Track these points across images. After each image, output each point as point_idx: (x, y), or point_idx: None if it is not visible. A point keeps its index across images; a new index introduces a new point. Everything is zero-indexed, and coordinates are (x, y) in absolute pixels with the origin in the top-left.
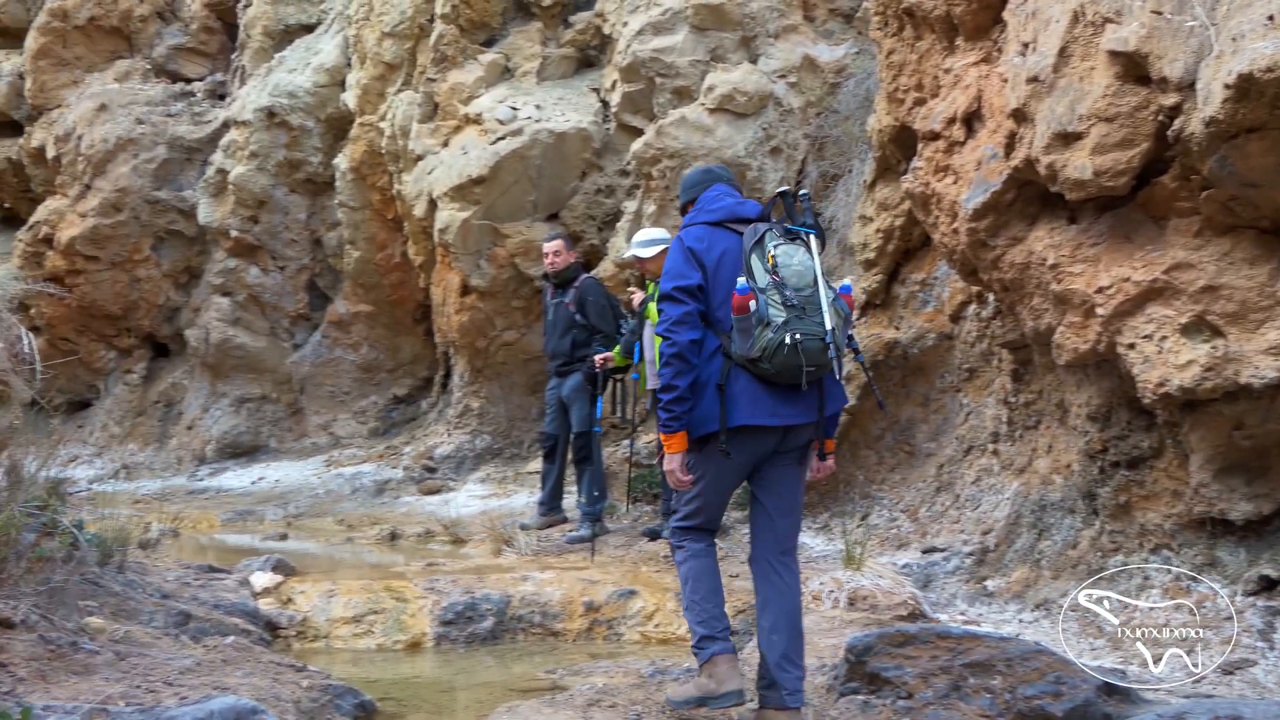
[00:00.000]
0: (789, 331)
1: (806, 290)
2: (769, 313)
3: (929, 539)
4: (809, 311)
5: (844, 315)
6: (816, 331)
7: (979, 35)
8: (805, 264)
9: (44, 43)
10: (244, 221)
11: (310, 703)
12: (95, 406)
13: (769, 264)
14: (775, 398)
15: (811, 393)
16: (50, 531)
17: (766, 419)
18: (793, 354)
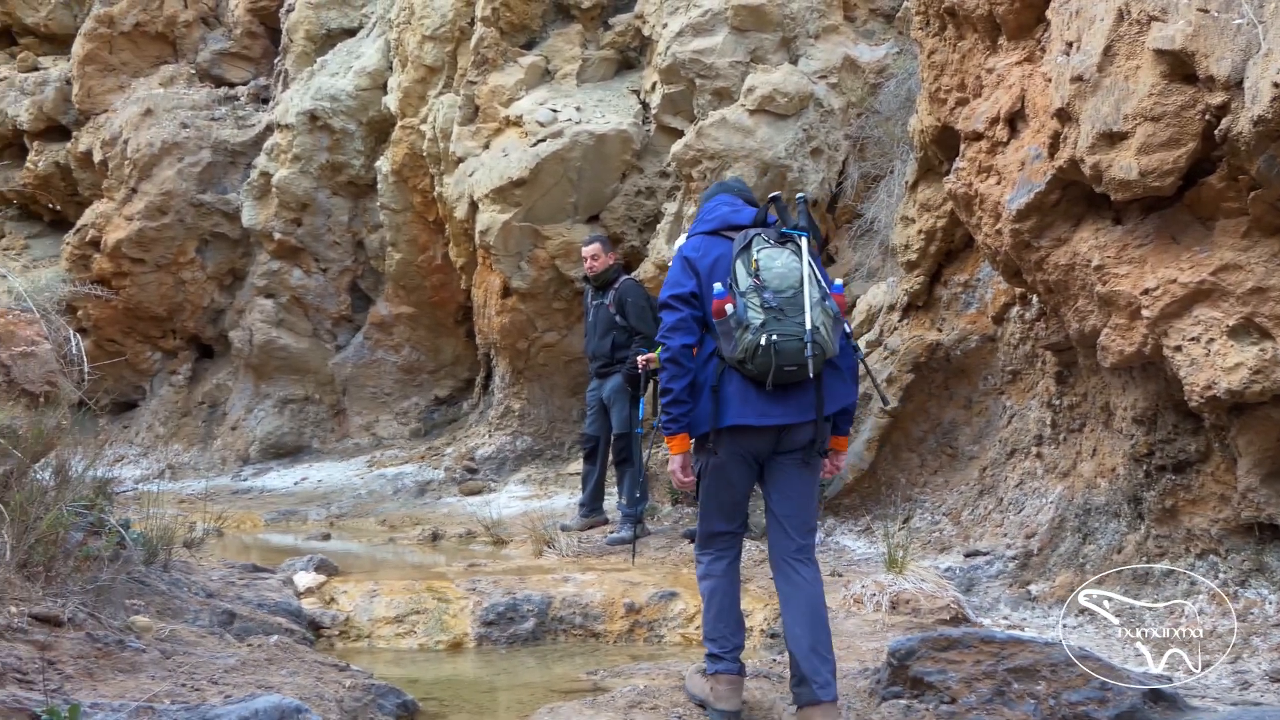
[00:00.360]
0: (765, 333)
1: (788, 292)
2: (748, 315)
3: (971, 542)
4: (788, 313)
5: (833, 315)
6: (795, 332)
7: (1022, 34)
8: (789, 266)
9: (91, 49)
10: (287, 224)
11: (353, 702)
12: (141, 407)
13: (752, 268)
14: (766, 398)
15: (808, 392)
16: (97, 530)
17: (756, 419)
18: (768, 354)
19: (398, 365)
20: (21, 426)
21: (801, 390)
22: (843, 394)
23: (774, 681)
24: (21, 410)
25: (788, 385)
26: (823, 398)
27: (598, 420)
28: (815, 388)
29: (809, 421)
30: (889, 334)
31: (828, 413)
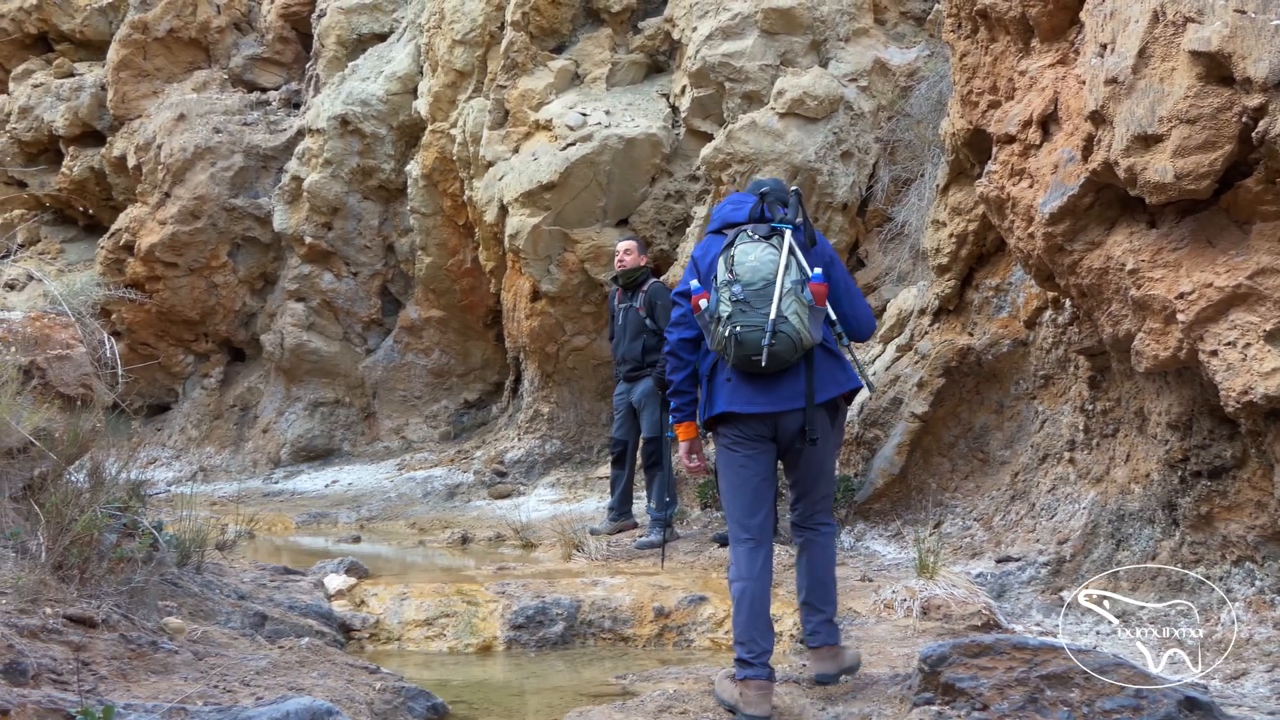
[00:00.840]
0: (731, 325)
1: (758, 284)
2: (719, 309)
3: (1003, 548)
4: (755, 304)
5: (810, 305)
6: (758, 323)
7: (1055, 37)
8: (762, 260)
9: (125, 54)
10: (318, 228)
11: (383, 705)
12: (174, 410)
13: (729, 263)
14: (754, 387)
15: (798, 380)
16: (131, 532)
17: (741, 407)
18: (734, 345)
19: (427, 369)
20: (57, 429)
21: (791, 378)
22: (834, 382)
23: (803, 687)
24: (56, 412)
25: (778, 374)
26: (814, 386)
27: (625, 424)
28: (806, 376)
29: (798, 409)
30: (920, 338)
31: (821, 400)
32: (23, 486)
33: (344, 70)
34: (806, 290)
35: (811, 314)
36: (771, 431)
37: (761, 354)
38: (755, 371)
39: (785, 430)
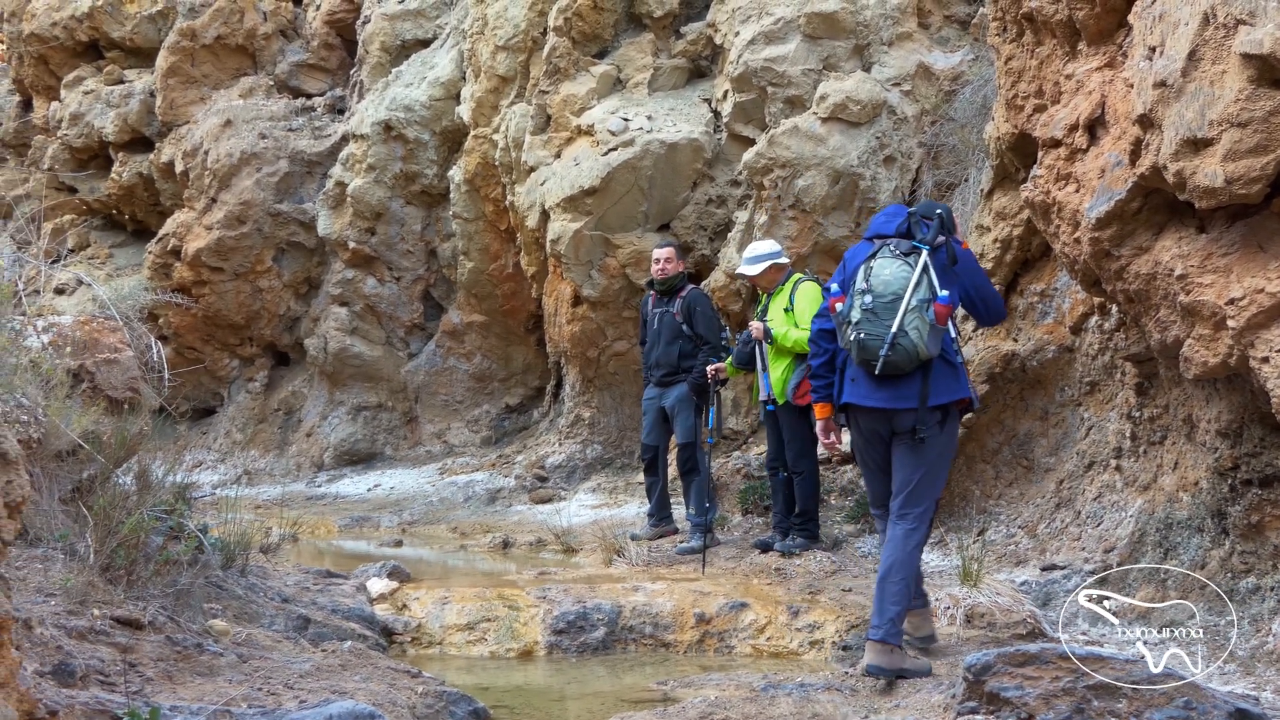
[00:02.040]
0: (857, 330)
1: (887, 297)
2: (851, 315)
3: (1048, 556)
4: (882, 316)
5: (931, 323)
6: (879, 333)
7: (1102, 39)
8: (896, 275)
9: (173, 61)
10: (361, 233)
11: (425, 709)
12: (219, 413)
13: (866, 273)
14: (874, 384)
15: (914, 383)
16: (177, 535)
17: (860, 399)
18: (857, 349)
19: (469, 373)
20: (105, 432)
21: (908, 381)
22: (946, 389)
23: (845, 694)
24: (104, 416)
25: (896, 376)
26: (928, 390)
27: (656, 429)
28: (922, 381)
29: (910, 409)
30: (964, 344)
31: (933, 403)
32: (71, 489)
33: (388, 76)
34: (931, 310)
35: (932, 330)
36: (886, 426)
37: (878, 361)
38: (870, 372)
39: (898, 426)
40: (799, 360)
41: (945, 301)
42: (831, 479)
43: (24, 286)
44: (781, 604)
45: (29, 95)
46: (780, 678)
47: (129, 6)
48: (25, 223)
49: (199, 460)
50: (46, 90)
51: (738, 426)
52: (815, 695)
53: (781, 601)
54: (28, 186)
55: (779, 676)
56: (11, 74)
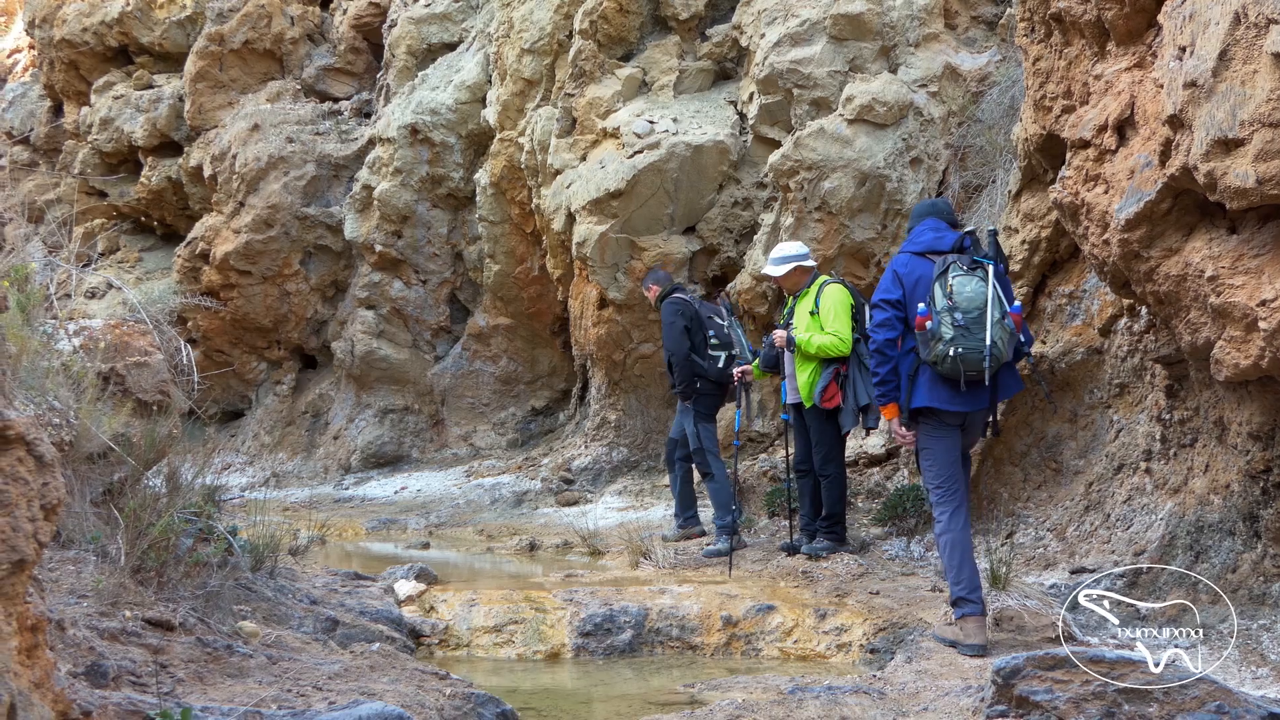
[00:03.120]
0: (954, 345)
1: (974, 312)
2: (941, 330)
3: (1077, 559)
4: (973, 330)
5: (1009, 330)
6: (977, 346)
7: (1132, 40)
8: (977, 290)
9: (202, 66)
10: (388, 236)
11: (453, 710)
12: (247, 416)
13: (948, 291)
14: (951, 389)
15: (982, 391)
16: (206, 537)
17: (943, 404)
18: (955, 363)
19: (495, 376)
20: (135, 435)
21: (980, 388)
22: (1014, 385)
23: (874, 697)
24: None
25: (970, 384)
26: (996, 392)
27: (676, 428)
28: (991, 384)
29: (984, 409)
30: None
31: (1001, 398)
32: (103, 491)
33: (414, 80)
34: (1009, 319)
35: (1010, 337)
36: (960, 422)
37: (984, 372)
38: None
39: (971, 423)
40: (825, 364)
41: (1017, 310)
42: (859, 482)
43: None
44: (809, 607)
45: (59, 100)
46: (808, 680)
47: (158, 12)
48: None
49: (227, 463)
50: (77, 95)
51: (764, 429)
52: (843, 698)
53: (809, 604)
54: (59, 191)
55: (806, 679)
56: (42, 79)
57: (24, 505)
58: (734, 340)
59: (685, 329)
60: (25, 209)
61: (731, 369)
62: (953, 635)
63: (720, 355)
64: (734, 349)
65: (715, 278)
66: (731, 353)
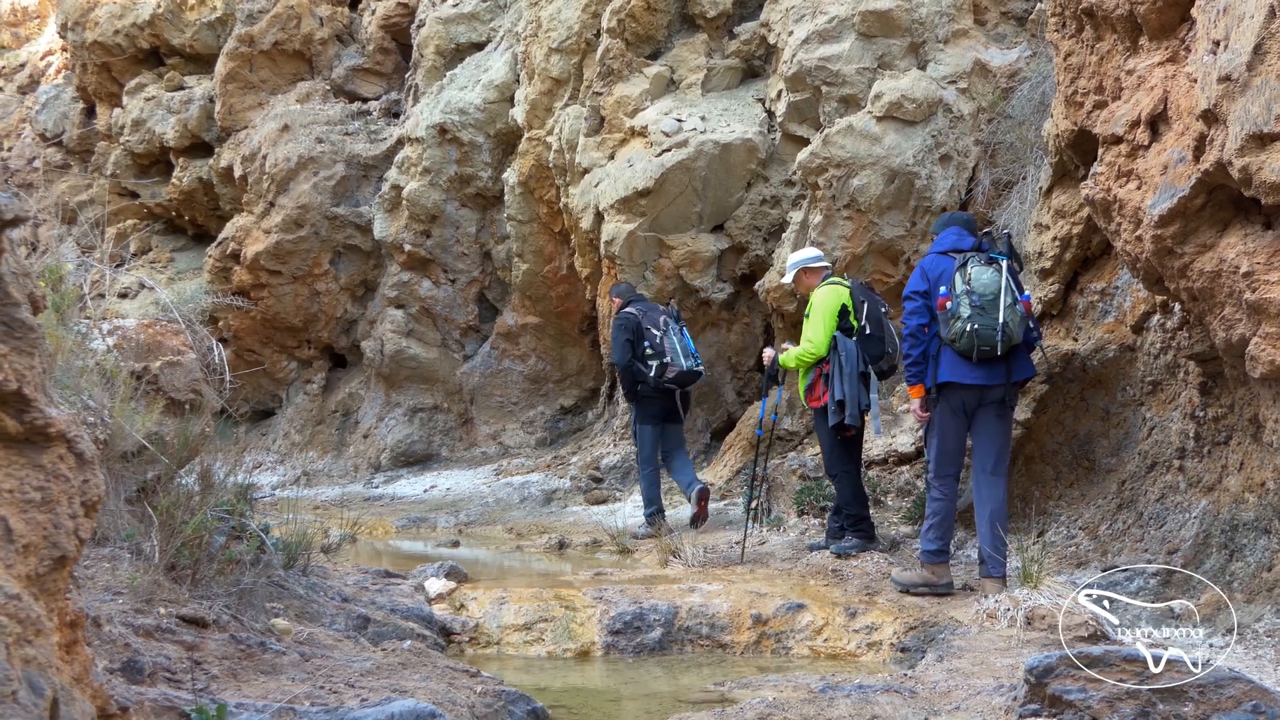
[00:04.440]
0: (970, 323)
1: (990, 296)
2: (960, 309)
3: (1110, 558)
4: (988, 311)
5: (1021, 315)
6: (991, 324)
7: (1164, 34)
8: (992, 279)
9: (232, 67)
10: (417, 236)
11: (484, 708)
12: (278, 415)
13: (966, 279)
14: (968, 365)
15: (1001, 364)
16: (239, 535)
17: (962, 378)
18: (971, 338)
19: (524, 375)
20: (168, 433)
21: (997, 363)
22: (1025, 368)
23: (905, 696)
24: (167, 417)
25: (988, 359)
26: (1011, 369)
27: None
28: (1006, 362)
29: (999, 384)
30: None
31: (1014, 379)
32: (136, 489)
33: (442, 79)
34: (1020, 305)
35: (1021, 321)
36: (976, 399)
37: (997, 345)
38: (981, 357)
39: (987, 399)
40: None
41: (1027, 299)
42: (888, 480)
43: (89, 290)
44: (839, 605)
45: (92, 102)
46: (838, 679)
47: (189, 14)
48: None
49: (258, 461)
50: (109, 97)
51: (793, 427)
52: (874, 697)
53: (839, 603)
54: (91, 192)
55: (837, 678)
56: (75, 81)
57: (65, 502)
58: (665, 349)
59: (628, 341)
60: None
61: (666, 376)
62: (920, 578)
63: (655, 364)
64: (665, 357)
65: (743, 276)
66: (663, 360)
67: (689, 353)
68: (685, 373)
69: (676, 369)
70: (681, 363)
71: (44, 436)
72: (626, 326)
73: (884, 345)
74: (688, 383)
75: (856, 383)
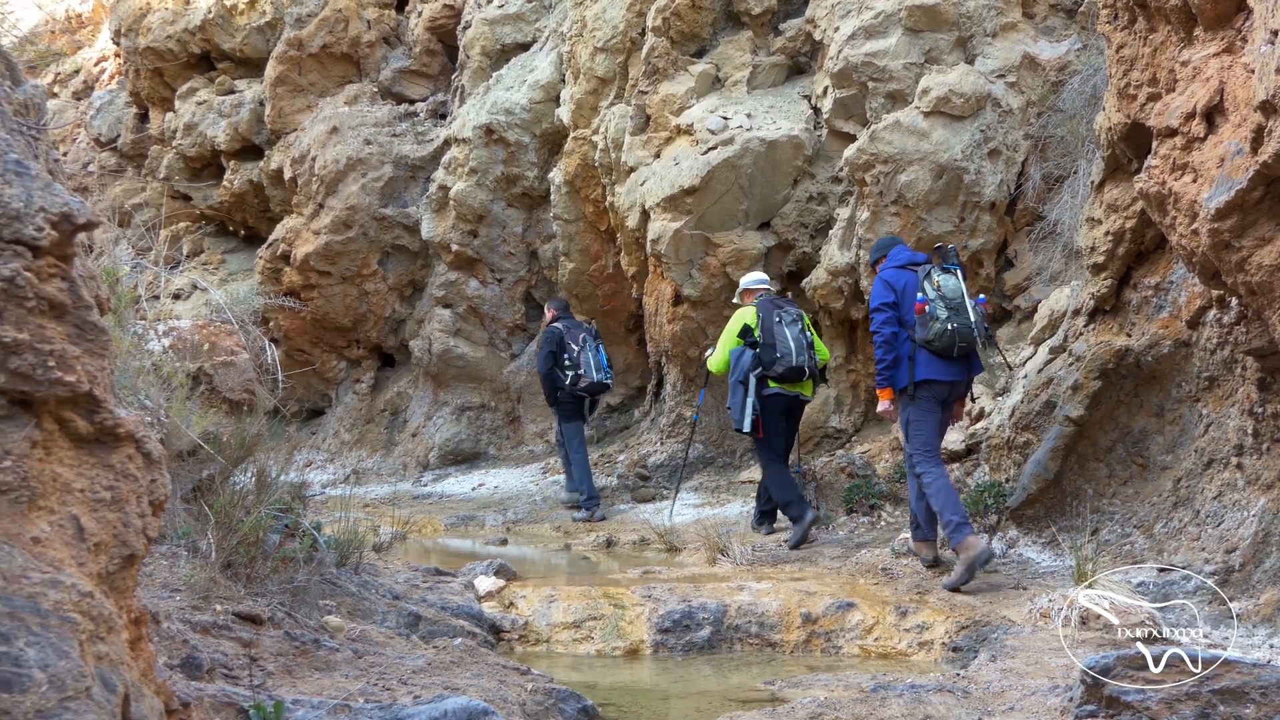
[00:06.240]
0: (949, 322)
1: (957, 300)
2: (937, 312)
3: (1165, 556)
4: (960, 312)
5: (982, 314)
6: (966, 322)
7: (1220, 24)
8: (956, 286)
9: (282, 71)
10: (464, 235)
11: (535, 705)
12: (327, 414)
13: (935, 286)
14: (942, 363)
15: (966, 361)
16: (292, 533)
17: (939, 375)
18: (951, 335)
19: None
20: (223, 433)
21: (964, 361)
22: (979, 365)
23: (958, 696)
24: (222, 417)
25: (956, 357)
26: (972, 366)
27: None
28: (969, 360)
29: (964, 380)
30: (1074, 339)
31: (975, 374)
32: (192, 488)
33: (488, 80)
34: (980, 307)
35: (981, 320)
36: (947, 393)
37: (973, 342)
38: (951, 354)
39: (954, 393)
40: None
41: (982, 301)
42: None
43: (144, 292)
44: (889, 604)
45: (145, 107)
46: (890, 678)
47: (238, 18)
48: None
49: (309, 460)
50: (162, 102)
51: (840, 425)
52: (927, 697)
53: (889, 601)
54: (145, 195)
55: (888, 677)
56: (129, 87)
57: (134, 501)
58: (581, 362)
59: (552, 353)
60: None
61: (579, 385)
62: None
63: (570, 374)
64: (580, 369)
65: (790, 273)
66: (578, 372)
67: (600, 367)
68: (595, 384)
69: (588, 380)
70: (593, 375)
71: (113, 437)
72: (551, 339)
73: (775, 352)
74: (597, 392)
75: (740, 390)
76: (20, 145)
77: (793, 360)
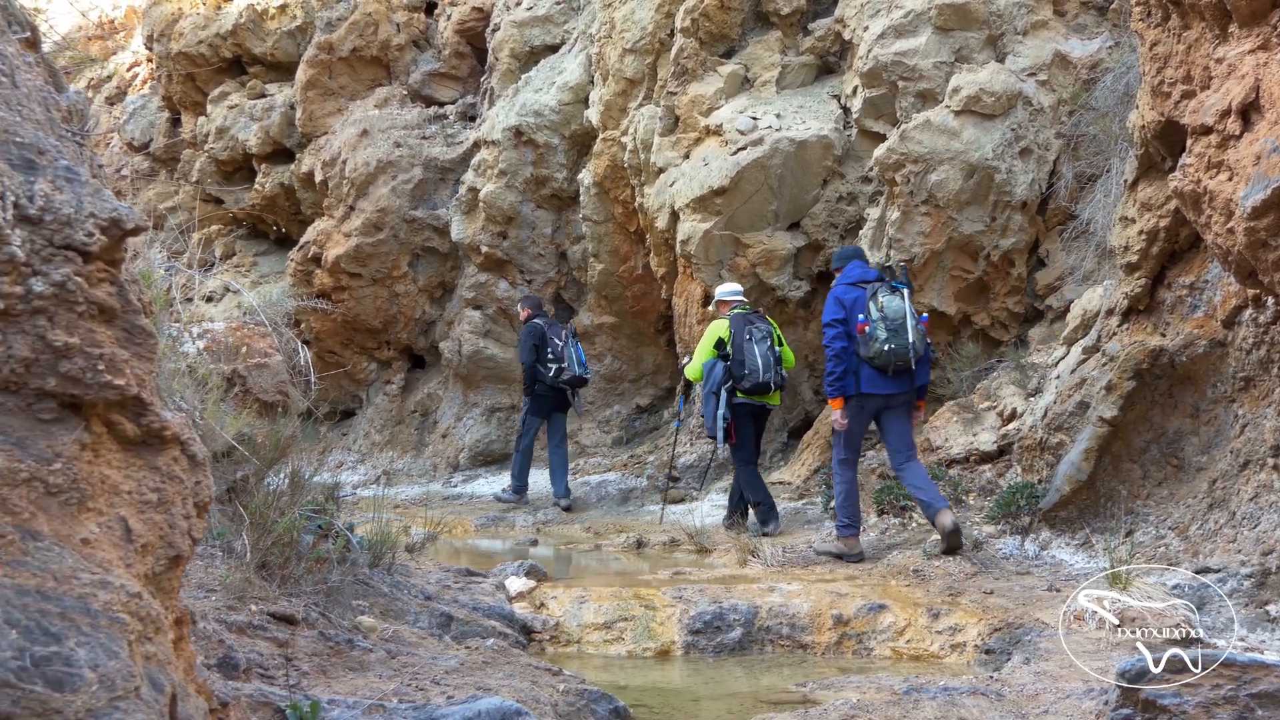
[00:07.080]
0: (887, 343)
1: (899, 320)
2: (877, 332)
3: (1201, 559)
4: (899, 333)
5: (922, 334)
6: (903, 343)
7: (1256, 20)
8: (900, 306)
9: (312, 74)
10: (493, 237)
11: (567, 706)
12: (358, 415)
13: (879, 306)
14: (882, 378)
15: (905, 377)
16: (326, 534)
17: (878, 389)
18: (889, 355)
19: (600, 374)
20: (257, 434)
21: (903, 375)
22: (924, 375)
23: (991, 699)
24: (255, 418)
25: (900, 371)
26: (914, 378)
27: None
28: (909, 373)
29: (904, 392)
30: (1107, 339)
31: (915, 385)
32: (226, 489)
33: (517, 82)
34: (921, 326)
35: (922, 338)
36: (884, 404)
37: (909, 361)
38: (892, 370)
39: (893, 403)
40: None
41: (925, 320)
42: (970, 479)
43: (178, 294)
44: (921, 606)
45: (177, 111)
46: (922, 681)
47: (269, 23)
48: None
49: (340, 461)
50: (193, 106)
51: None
52: (960, 699)
53: (921, 603)
54: (178, 199)
55: (921, 680)
56: (161, 91)
57: (179, 503)
58: (564, 356)
59: (535, 346)
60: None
61: (561, 377)
62: (835, 548)
63: (554, 367)
64: (563, 363)
65: (820, 274)
66: (561, 365)
67: (580, 362)
68: (576, 377)
69: (570, 373)
70: (575, 369)
71: (160, 439)
72: (534, 333)
73: (744, 368)
74: (578, 385)
75: (712, 401)
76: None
77: (760, 376)
